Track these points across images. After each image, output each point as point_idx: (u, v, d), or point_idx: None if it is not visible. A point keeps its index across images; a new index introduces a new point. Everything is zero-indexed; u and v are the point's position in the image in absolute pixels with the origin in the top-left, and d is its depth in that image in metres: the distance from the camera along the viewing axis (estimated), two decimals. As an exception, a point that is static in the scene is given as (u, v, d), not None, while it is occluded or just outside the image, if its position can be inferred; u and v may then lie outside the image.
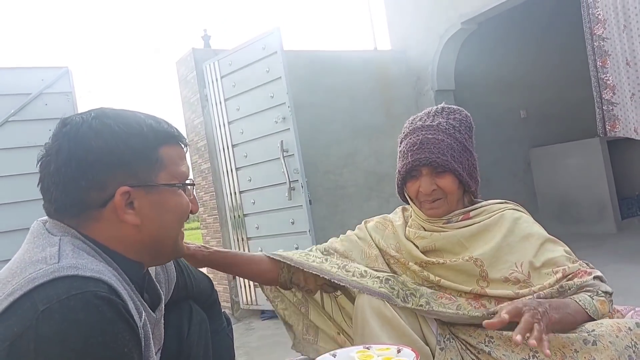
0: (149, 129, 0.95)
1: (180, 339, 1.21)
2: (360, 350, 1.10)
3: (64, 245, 0.86)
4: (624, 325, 1.21)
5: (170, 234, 0.98)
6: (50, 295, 0.76)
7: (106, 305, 0.79)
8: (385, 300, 1.29)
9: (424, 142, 1.39)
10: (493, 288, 1.34)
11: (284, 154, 4.23)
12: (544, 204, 6.68)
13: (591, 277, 1.30)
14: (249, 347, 3.80)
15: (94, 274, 0.81)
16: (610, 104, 3.88)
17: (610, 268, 4.30)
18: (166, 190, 0.95)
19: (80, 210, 0.91)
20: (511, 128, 6.66)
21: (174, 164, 0.97)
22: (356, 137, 5.51)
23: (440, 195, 1.41)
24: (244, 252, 1.53)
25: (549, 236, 1.40)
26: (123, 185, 0.90)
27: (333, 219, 5.27)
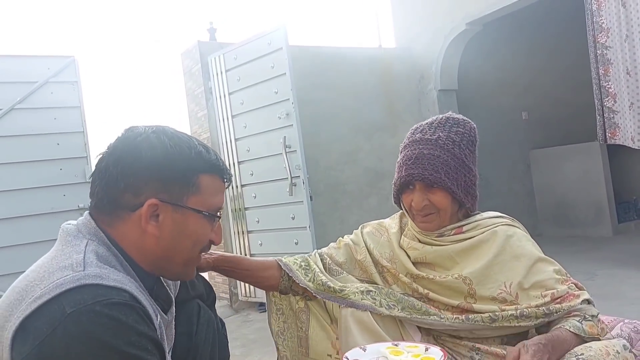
0: (197, 154, 1.01)
1: (190, 338, 1.26)
2: (390, 346, 1.14)
3: (89, 254, 0.92)
4: (612, 348, 1.23)
5: (182, 255, 1.03)
6: (77, 299, 0.82)
7: (130, 310, 0.85)
8: (369, 311, 1.34)
9: (419, 157, 1.40)
10: (480, 304, 1.37)
11: (287, 150, 4.26)
12: (542, 205, 6.73)
13: (579, 300, 1.32)
14: (247, 339, 3.86)
15: (117, 283, 0.88)
16: (612, 112, 3.92)
17: (606, 273, 4.35)
18: (191, 214, 1.00)
19: (113, 208, 0.98)
20: (512, 129, 6.69)
21: (209, 194, 1.03)
22: (358, 134, 5.55)
23: (432, 210, 1.42)
24: (248, 258, 1.55)
25: (540, 255, 1.40)
26: (153, 197, 0.97)
27: (333, 215, 5.32)
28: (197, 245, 1.04)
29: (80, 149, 4.08)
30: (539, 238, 6.70)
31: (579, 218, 6.32)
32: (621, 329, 1.43)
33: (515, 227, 1.48)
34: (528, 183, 6.79)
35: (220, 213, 1.08)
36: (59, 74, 4.08)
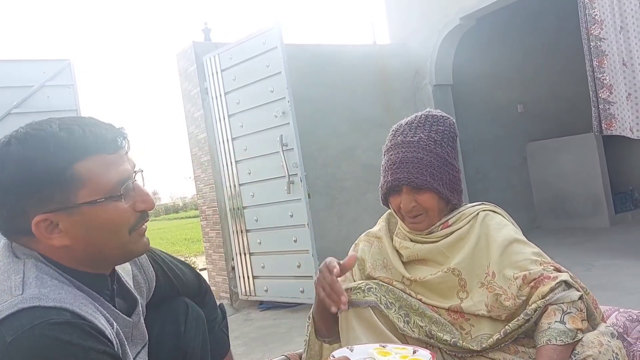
0: (57, 147, 0.89)
1: (178, 337, 1.25)
2: (377, 347, 1.14)
3: (28, 272, 0.88)
4: (603, 338, 1.25)
5: (111, 245, 0.95)
6: (16, 326, 0.80)
7: (71, 328, 0.82)
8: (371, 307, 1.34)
9: (404, 161, 1.41)
10: (470, 300, 1.39)
11: (284, 148, 4.28)
12: (540, 198, 6.76)
13: (554, 283, 1.29)
14: (248, 337, 3.88)
15: (56, 303, 0.84)
16: (607, 103, 3.94)
17: (603, 263, 4.38)
18: (89, 208, 0.90)
19: (18, 235, 0.92)
20: (508, 123, 6.71)
21: (96, 177, 0.91)
22: (355, 130, 5.57)
23: (420, 211, 1.44)
24: None
25: (517, 237, 1.41)
26: (40, 214, 0.88)
27: (331, 212, 5.34)
28: (118, 230, 0.94)
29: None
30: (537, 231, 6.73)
31: (576, 210, 6.35)
32: (616, 318, 1.45)
33: (496, 213, 1.49)
34: (525, 176, 6.82)
35: (128, 183, 0.95)
36: (54, 78, 4.09)
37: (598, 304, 1.41)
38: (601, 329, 1.30)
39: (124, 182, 0.94)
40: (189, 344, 1.27)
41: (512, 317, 1.36)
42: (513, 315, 1.35)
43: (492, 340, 1.31)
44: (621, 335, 1.43)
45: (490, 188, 6.17)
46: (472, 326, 1.38)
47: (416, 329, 1.34)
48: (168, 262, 1.31)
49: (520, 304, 1.34)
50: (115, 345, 0.91)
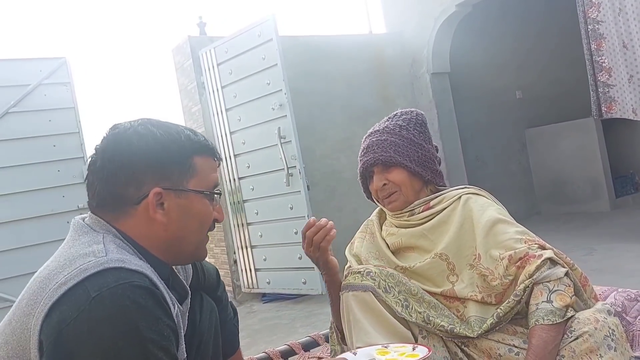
0: (186, 138, 1.04)
1: (194, 326, 1.29)
2: (379, 348, 1.18)
3: (108, 243, 0.95)
4: (599, 315, 1.27)
5: (192, 237, 1.06)
6: (101, 283, 0.85)
7: (149, 295, 0.88)
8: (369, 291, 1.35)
9: (370, 145, 1.52)
10: (462, 282, 1.41)
11: (282, 141, 4.28)
12: (539, 184, 6.76)
13: (539, 261, 1.30)
14: (251, 329, 3.90)
15: (138, 268, 0.91)
16: (607, 86, 3.93)
17: (604, 247, 4.39)
18: (194, 196, 1.04)
19: (118, 205, 1.00)
20: (506, 109, 6.70)
21: (205, 173, 1.06)
22: (352, 121, 5.56)
23: (393, 188, 1.51)
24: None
25: (500, 217, 1.43)
26: (157, 186, 0.99)
27: (330, 203, 5.34)
28: (203, 225, 1.07)
29: (77, 150, 4.10)
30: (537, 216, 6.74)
31: (576, 194, 6.35)
32: (615, 298, 1.46)
33: (479, 195, 1.52)
34: (524, 162, 6.82)
35: (219, 190, 1.11)
36: (51, 76, 4.08)
37: (588, 281, 1.42)
38: (597, 307, 1.32)
39: (217, 187, 1.10)
40: (203, 334, 1.31)
41: (502, 298, 1.37)
42: (503, 297, 1.37)
43: (486, 325, 1.33)
44: (619, 315, 1.44)
45: (490, 175, 6.17)
46: (465, 308, 1.40)
47: (414, 314, 1.35)
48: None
49: (508, 284, 1.35)
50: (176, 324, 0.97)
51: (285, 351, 1.84)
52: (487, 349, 1.32)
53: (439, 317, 1.36)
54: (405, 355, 1.11)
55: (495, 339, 1.32)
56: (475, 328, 1.34)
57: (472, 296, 1.39)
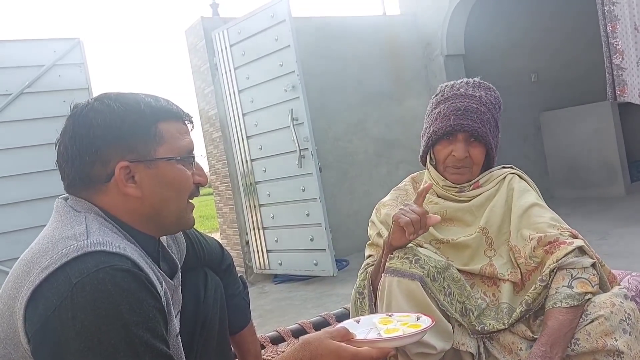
0: (147, 106, 1.00)
1: (197, 303, 1.29)
2: (383, 317, 1.16)
3: (90, 224, 0.94)
4: (615, 299, 1.26)
5: (172, 206, 1.03)
6: (82, 268, 0.85)
7: (131, 277, 0.87)
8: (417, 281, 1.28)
9: (469, 109, 1.44)
10: (500, 257, 1.41)
11: (294, 122, 4.28)
12: (554, 168, 6.70)
13: (570, 248, 1.30)
14: (263, 309, 3.94)
15: (119, 250, 0.90)
16: (620, 69, 3.87)
17: (618, 232, 4.35)
18: (165, 163, 1.00)
19: (88, 184, 0.98)
20: (522, 92, 6.61)
21: (174, 139, 1.02)
22: (365, 103, 5.53)
23: (468, 163, 1.46)
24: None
25: (538, 202, 1.44)
26: (122, 160, 0.97)
27: (342, 186, 5.34)
28: (182, 192, 1.04)
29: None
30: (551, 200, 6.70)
31: (591, 179, 6.29)
32: (628, 282, 1.45)
33: (522, 178, 1.53)
34: (539, 146, 6.75)
35: (193, 155, 1.07)
36: (65, 57, 4.10)
37: (616, 278, 1.41)
38: (614, 291, 1.31)
39: (191, 151, 1.05)
40: (208, 311, 1.30)
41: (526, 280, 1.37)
42: (527, 280, 1.36)
43: (516, 314, 1.32)
44: (634, 299, 1.43)
45: (503, 159, 6.06)
46: (500, 292, 1.39)
47: (455, 302, 1.33)
48: (195, 234, 1.37)
49: (533, 266, 1.35)
50: (164, 303, 0.96)
51: (297, 330, 1.85)
52: (509, 344, 1.31)
53: (476, 309, 1.35)
54: (407, 325, 1.09)
55: (520, 333, 1.31)
56: (506, 317, 1.33)
57: (511, 274, 1.39)
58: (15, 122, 3.89)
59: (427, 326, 1.06)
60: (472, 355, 1.33)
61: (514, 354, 1.30)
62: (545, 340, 1.21)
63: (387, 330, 1.08)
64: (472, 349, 1.33)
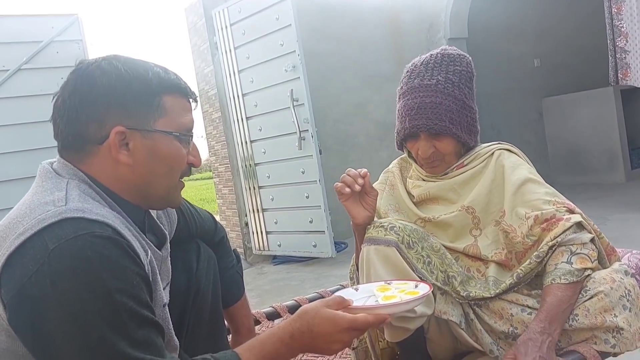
0: (155, 75, 0.97)
1: (190, 275, 1.27)
2: (381, 285, 1.15)
3: (71, 190, 0.91)
4: (616, 275, 1.24)
5: (162, 181, 1.00)
6: (59, 235, 0.82)
7: (111, 244, 0.84)
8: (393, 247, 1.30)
9: (422, 106, 1.38)
10: (485, 238, 1.38)
11: (294, 103, 4.24)
12: (555, 154, 6.67)
13: (568, 224, 1.27)
14: (261, 289, 3.94)
15: (99, 217, 0.87)
16: (623, 52, 3.83)
17: (617, 217, 4.34)
18: (162, 137, 0.97)
19: (81, 144, 0.95)
20: (524, 77, 6.57)
21: (175, 114, 0.99)
22: (367, 86, 5.49)
23: (438, 157, 1.43)
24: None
25: (531, 177, 1.39)
26: (119, 125, 0.94)
27: (342, 169, 5.23)
28: (174, 169, 1.01)
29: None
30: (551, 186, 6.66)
31: (591, 165, 6.26)
32: (629, 260, 1.44)
33: (511, 152, 1.48)
34: (540, 131, 6.71)
35: (192, 134, 1.04)
36: (63, 33, 4.06)
37: (615, 252, 1.39)
38: (614, 267, 1.29)
39: (190, 130, 1.03)
40: (201, 283, 1.29)
41: (522, 259, 1.35)
42: (523, 259, 1.34)
43: (505, 285, 1.30)
44: (634, 277, 1.42)
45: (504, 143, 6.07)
46: (486, 268, 1.38)
47: (436, 271, 1.32)
48: (187, 205, 1.34)
49: (530, 244, 1.32)
50: (148, 272, 0.94)
51: (293, 306, 1.85)
52: (499, 310, 1.30)
53: (459, 276, 1.34)
54: (405, 292, 1.08)
55: (509, 300, 1.30)
56: (493, 288, 1.32)
57: (495, 254, 1.36)
58: (13, 99, 3.86)
59: (424, 293, 1.05)
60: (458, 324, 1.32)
61: (505, 319, 1.29)
62: (544, 316, 1.19)
63: (385, 297, 1.07)
64: (454, 317, 1.31)
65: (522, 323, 1.25)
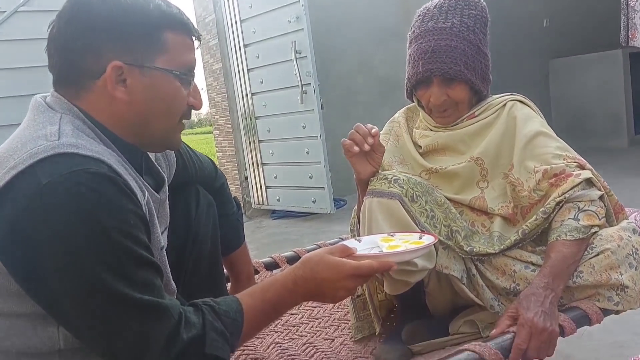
0: (157, 9, 0.92)
1: (189, 221, 1.25)
2: (385, 237, 1.14)
3: (64, 125, 0.87)
4: (623, 232, 1.22)
5: (159, 122, 0.96)
6: (52, 169, 0.79)
7: (107, 181, 0.81)
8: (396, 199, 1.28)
9: (436, 49, 1.33)
10: (492, 190, 1.36)
11: (297, 56, 4.15)
12: (558, 117, 6.59)
13: (578, 180, 1.25)
14: (260, 243, 3.96)
15: (93, 154, 0.83)
16: (634, 12, 3.73)
17: (618, 181, 4.31)
18: (161, 75, 0.93)
19: (76, 77, 0.91)
20: (532, 37, 6.43)
21: (177, 52, 0.94)
22: (372, 42, 5.36)
23: (451, 105, 1.39)
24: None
25: (542, 130, 1.36)
26: (117, 60, 0.89)
27: (344, 126, 5.19)
28: (172, 109, 0.96)
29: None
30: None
31: (595, 129, 6.20)
32: (635, 219, 1.42)
33: (524, 104, 1.44)
34: (545, 94, 6.62)
35: (193, 74, 0.99)
36: (61, -25, 3.92)
37: (624, 210, 1.37)
38: (622, 225, 1.27)
39: (191, 70, 0.98)
40: (200, 228, 1.27)
41: (527, 214, 1.33)
42: (529, 214, 1.33)
43: (509, 242, 1.29)
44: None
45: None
46: (491, 223, 1.36)
47: (439, 226, 1.30)
48: (187, 149, 1.31)
49: (536, 199, 1.30)
50: (145, 212, 0.91)
51: (292, 257, 1.84)
52: (502, 266, 1.29)
53: (462, 230, 1.32)
54: (410, 242, 1.07)
55: (513, 256, 1.28)
56: (497, 244, 1.30)
57: (502, 208, 1.34)
58: (9, 42, 3.76)
59: (430, 242, 1.03)
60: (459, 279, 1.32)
61: (507, 275, 1.28)
62: (548, 272, 1.18)
63: (390, 247, 1.05)
64: (456, 272, 1.30)
65: (524, 280, 1.24)
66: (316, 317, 1.71)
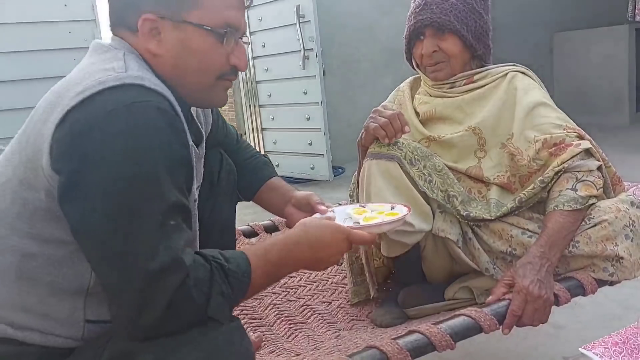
0: None
1: (212, 185, 1.26)
2: (356, 208, 1.16)
3: (129, 61, 0.89)
4: (621, 204, 1.24)
5: (193, 78, 0.95)
6: (118, 98, 0.81)
7: (167, 117, 0.83)
8: (395, 161, 1.31)
9: (428, 2, 1.38)
10: (489, 160, 1.37)
11: (300, 20, 4.10)
12: (560, 92, 6.55)
13: (577, 150, 1.26)
14: (257, 207, 3.89)
15: (158, 88, 0.85)
16: (645, -15, 3.68)
17: (618, 158, 4.30)
18: (193, 30, 0.92)
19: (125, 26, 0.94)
20: (537, 9, 6.34)
21: (214, 7, 0.92)
22: (377, 9, 5.28)
23: (442, 58, 1.41)
24: None
25: (543, 100, 1.37)
26: (150, 13, 0.90)
27: (345, 94, 5.21)
28: (206, 66, 0.95)
29: (89, 12, 3.94)
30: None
31: (597, 106, 6.18)
32: (634, 193, 1.43)
33: (525, 75, 1.45)
34: (548, 68, 6.56)
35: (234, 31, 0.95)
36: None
37: (621, 181, 1.38)
38: (621, 197, 1.29)
39: (232, 27, 0.95)
40: (219, 195, 1.28)
41: (525, 183, 1.34)
42: (527, 183, 1.34)
43: (506, 209, 1.30)
44: None
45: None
46: (488, 190, 1.37)
47: (436, 190, 1.32)
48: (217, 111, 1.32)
49: (535, 168, 1.31)
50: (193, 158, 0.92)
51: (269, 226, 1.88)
52: (499, 230, 1.31)
53: (460, 195, 1.33)
54: (383, 213, 1.09)
55: (510, 222, 1.30)
56: (494, 210, 1.32)
57: (498, 177, 1.36)
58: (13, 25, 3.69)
59: (405, 214, 1.06)
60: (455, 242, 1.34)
61: (504, 239, 1.30)
62: (544, 241, 1.19)
63: (366, 219, 1.07)
64: (452, 235, 1.33)
65: (521, 245, 1.26)
66: (314, 280, 1.74)
